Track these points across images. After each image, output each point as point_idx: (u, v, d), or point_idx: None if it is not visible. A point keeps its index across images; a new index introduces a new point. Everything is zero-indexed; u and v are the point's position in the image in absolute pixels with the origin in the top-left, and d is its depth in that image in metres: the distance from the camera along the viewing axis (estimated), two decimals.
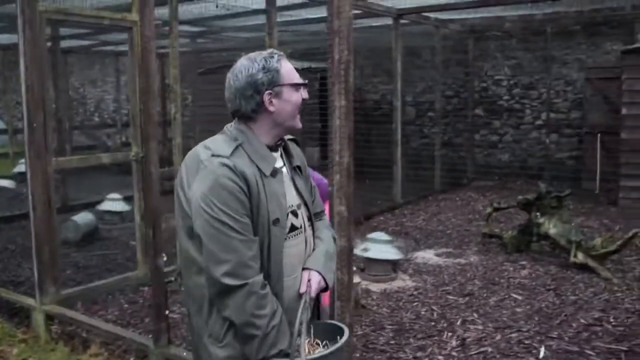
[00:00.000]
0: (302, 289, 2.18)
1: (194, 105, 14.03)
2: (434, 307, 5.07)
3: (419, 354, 4.24)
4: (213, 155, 2.07)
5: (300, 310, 2.07)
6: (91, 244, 7.25)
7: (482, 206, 8.89)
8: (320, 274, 2.22)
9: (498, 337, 4.47)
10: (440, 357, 4.17)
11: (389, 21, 9.27)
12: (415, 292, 5.44)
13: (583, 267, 5.82)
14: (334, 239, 2.44)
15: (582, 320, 4.71)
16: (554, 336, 4.46)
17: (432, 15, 9.89)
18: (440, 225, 7.99)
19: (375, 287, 5.56)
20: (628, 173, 8.58)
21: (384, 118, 11.39)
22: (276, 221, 2.09)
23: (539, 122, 10.94)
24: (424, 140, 11.89)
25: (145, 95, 4.02)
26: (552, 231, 6.22)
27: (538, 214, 6.41)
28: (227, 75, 2.20)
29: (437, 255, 6.63)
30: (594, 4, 9.62)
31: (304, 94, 2.22)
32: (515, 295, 5.30)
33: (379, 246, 5.78)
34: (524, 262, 6.21)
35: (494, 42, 11.23)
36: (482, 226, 7.22)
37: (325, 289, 2.27)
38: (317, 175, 3.69)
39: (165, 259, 4.13)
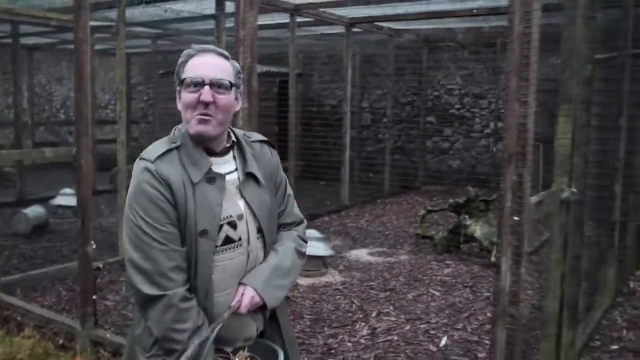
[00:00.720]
0: (232, 303, 2.03)
1: (156, 105, 14.28)
2: (355, 300, 5.40)
3: (329, 340, 4.56)
4: (141, 158, 2.00)
5: (216, 322, 1.99)
6: (41, 236, 7.49)
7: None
8: (255, 290, 2.04)
9: (407, 327, 4.80)
10: (349, 344, 4.50)
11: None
12: (340, 287, 5.77)
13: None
14: (298, 252, 2.19)
15: (489, 314, 5.06)
16: (459, 327, 4.81)
17: (385, 24, 10.25)
18: (380, 227, 8.34)
19: (304, 282, 5.88)
20: None
21: (341, 123, 11.74)
22: (203, 232, 1.96)
23: (487, 130, 11.35)
24: (379, 145, 12.25)
25: (78, 94, 4.31)
26: (478, 233, 6.59)
27: (466, 216, 6.78)
28: None
29: (370, 253, 6.97)
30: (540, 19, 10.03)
31: (203, 94, 1.95)
32: (433, 291, 5.65)
33: (310, 243, 6.07)
34: (449, 262, 6.57)
35: (447, 53, 11.63)
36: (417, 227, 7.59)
37: (263, 307, 2.08)
38: None
39: (94, 246, 4.41)
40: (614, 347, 4.54)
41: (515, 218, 2.64)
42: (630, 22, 5.14)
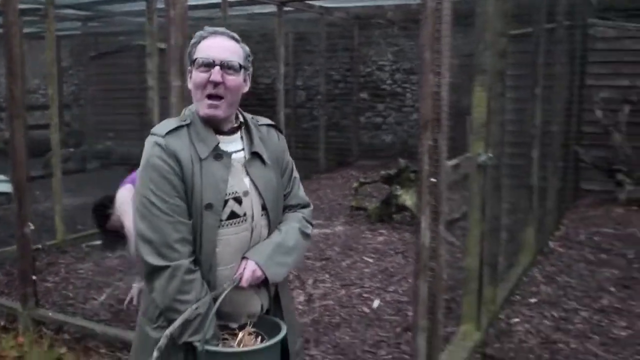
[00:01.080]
0: (235, 276, 2.07)
1: (87, 88, 14.08)
2: (292, 270, 5.59)
3: None
4: (151, 134, 2.07)
5: (218, 292, 2.04)
6: None
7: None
8: (257, 264, 2.09)
9: (342, 292, 5.05)
10: None
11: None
12: None
13: None
14: (303, 233, 2.24)
15: None
16: (391, 290, 5.08)
17: (316, 3, 10.40)
18: (316, 200, 8.56)
19: None
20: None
21: (275, 101, 11.88)
22: (208, 206, 2.02)
23: (418, 104, 11.65)
24: (314, 123, 12.45)
25: (9, 77, 4.33)
26: (409, 202, 6.88)
27: (398, 187, 7.06)
28: None
29: None
30: None
31: (213, 74, 2.03)
32: (367, 259, 5.91)
33: None
34: (382, 231, 6.86)
35: (377, 30, 11.87)
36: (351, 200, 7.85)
37: (265, 281, 2.12)
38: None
39: (32, 227, 4.47)
40: (533, 300, 4.90)
41: (433, 180, 2.86)
42: None
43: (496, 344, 4.10)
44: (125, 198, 4.05)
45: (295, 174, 2.33)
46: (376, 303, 4.81)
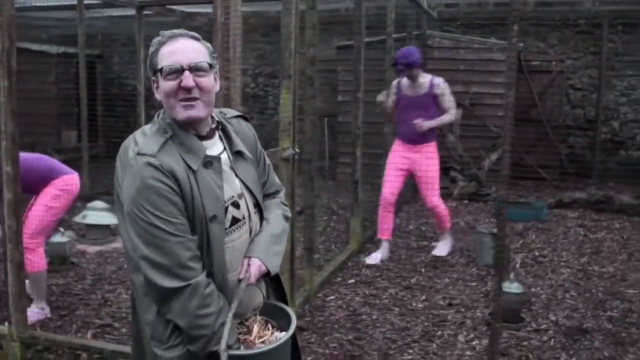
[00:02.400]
0: (241, 275, 2.07)
1: None
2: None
3: (107, 295, 5.10)
4: (139, 154, 1.93)
5: (235, 297, 2.01)
6: None
7: None
8: (260, 260, 2.10)
9: None
10: (125, 296, 5.06)
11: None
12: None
13: None
14: (285, 217, 2.26)
15: None
16: None
17: (177, 7, 10.71)
18: None
19: (91, 249, 6.32)
20: (343, 151, 10.10)
21: (144, 103, 12.08)
22: (213, 218, 1.97)
23: (279, 107, 12.24)
24: None
25: None
26: None
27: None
28: None
29: None
30: (322, 4, 11.03)
31: (184, 80, 1.94)
32: None
33: (96, 213, 6.54)
34: None
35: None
36: None
37: (267, 274, 2.14)
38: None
39: None
40: (351, 281, 5.51)
41: None
42: (362, 13, 6.12)
43: (308, 317, 4.66)
44: None
45: (268, 160, 2.31)
46: None
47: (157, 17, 10.65)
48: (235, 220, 2.06)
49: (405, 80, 6.00)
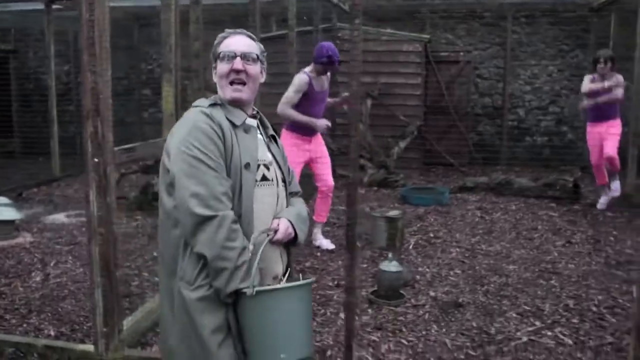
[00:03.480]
0: (271, 227, 2.32)
1: None
2: (37, 255, 6.01)
3: (3, 288, 5.15)
4: (194, 106, 2.35)
5: (259, 246, 2.20)
6: None
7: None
8: (290, 221, 2.37)
9: (79, 270, 5.55)
10: (20, 289, 5.12)
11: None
12: (29, 246, 6.32)
13: None
14: (307, 214, 2.54)
15: (155, 253, 5.98)
16: (126, 265, 5.66)
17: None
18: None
19: None
20: None
21: (60, 97, 11.98)
22: (247, 165, 2.26)
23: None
24: None
25: None
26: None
27: (155, 176, 7.64)
28: None
29: (68, 216, 7.57)
30: None
31: (235, 64, 2.34)
32: None
33: (0, 209, 6.54)
34: (138, 217, 7.41)
35: (156, 29, 12.32)
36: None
37: (294, 242, 2.41)
38: None
39: None
40: None
41: (96, 160, 3.47)
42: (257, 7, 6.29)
43: None
44: None
45: (290, 166, 2.63)
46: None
47: (67, 11, 10.57)
48: (264, 178, 2.36)
49: (314, 76, 5.97)
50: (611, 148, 7.44)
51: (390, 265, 4.87)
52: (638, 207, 7.63)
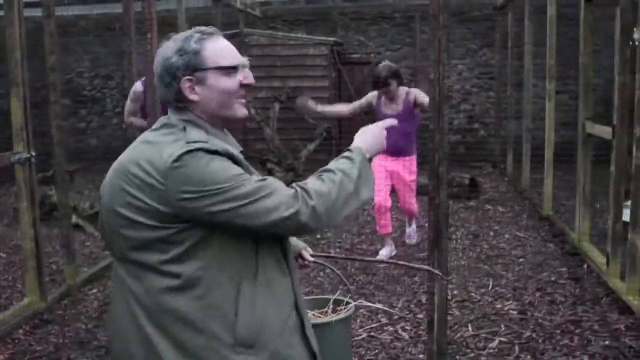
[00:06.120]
0: None
1: None
2: None
3: None
4: (193, 149, 1.71)
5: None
6: None
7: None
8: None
9: None
10: None
11: None
12: None
13: (77, 227, 7.21)
14: None
15: None
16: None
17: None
18: None
19: None
20: None
21: None
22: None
23: (118, 109, 12.31)
24: None
25: None
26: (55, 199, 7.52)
27: (52, 187, 7.66)
28: None
29: None
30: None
31: (243, 77, 1.87)
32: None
33: None
34: None
35: (74, 38, 12.30)
36: None
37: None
38: None
39: None
40: None
41: None
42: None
43: (59, 310, 4.90)
44: None
45: None
46: None
47: None
48: None
49: None
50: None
51: None
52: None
